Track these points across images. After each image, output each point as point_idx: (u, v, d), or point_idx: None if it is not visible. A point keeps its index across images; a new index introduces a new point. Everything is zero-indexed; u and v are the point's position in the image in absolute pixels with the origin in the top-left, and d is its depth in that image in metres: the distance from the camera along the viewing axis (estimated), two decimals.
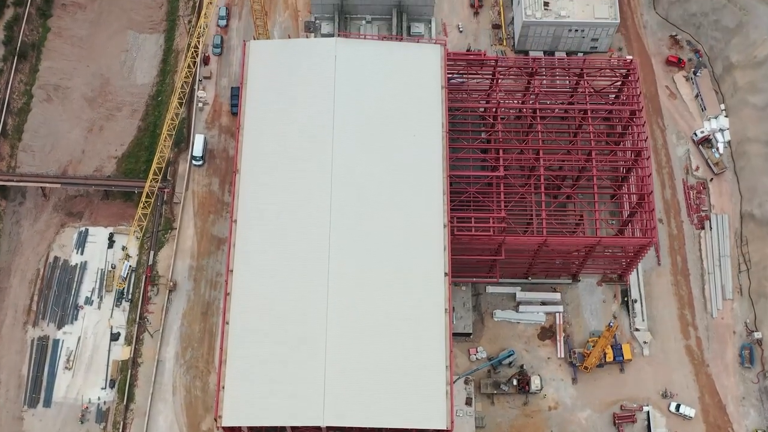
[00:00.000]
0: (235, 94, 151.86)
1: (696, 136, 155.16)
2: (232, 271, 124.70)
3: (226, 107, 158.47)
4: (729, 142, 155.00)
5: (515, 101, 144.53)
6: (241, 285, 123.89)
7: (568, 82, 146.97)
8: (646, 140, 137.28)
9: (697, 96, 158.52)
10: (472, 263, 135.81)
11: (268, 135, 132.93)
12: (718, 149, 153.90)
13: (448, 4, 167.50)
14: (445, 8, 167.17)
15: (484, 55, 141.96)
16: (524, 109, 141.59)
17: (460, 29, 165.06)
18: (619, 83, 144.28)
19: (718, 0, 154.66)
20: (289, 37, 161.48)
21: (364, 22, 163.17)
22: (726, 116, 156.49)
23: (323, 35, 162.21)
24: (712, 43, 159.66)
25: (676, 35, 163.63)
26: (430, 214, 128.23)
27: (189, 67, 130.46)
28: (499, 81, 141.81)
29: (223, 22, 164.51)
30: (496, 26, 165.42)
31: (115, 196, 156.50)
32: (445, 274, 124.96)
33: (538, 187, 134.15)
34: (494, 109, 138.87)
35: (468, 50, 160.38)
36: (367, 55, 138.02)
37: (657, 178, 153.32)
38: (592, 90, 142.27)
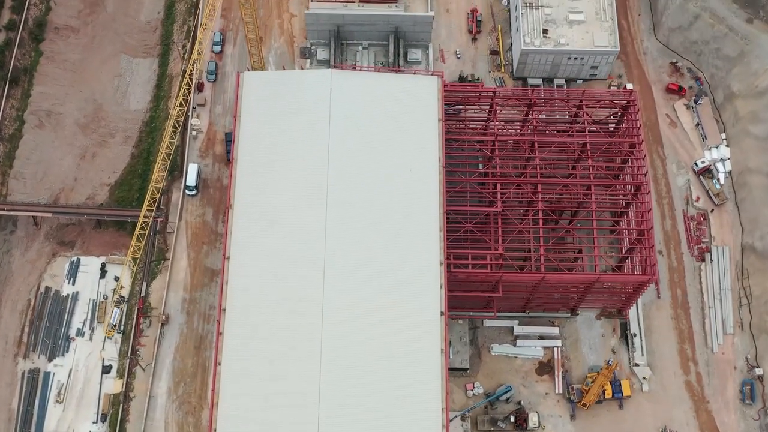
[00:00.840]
0: (229, 140, 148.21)
1: (696, 166, 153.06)
2: (224, 309, 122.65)
3: (220, 135, 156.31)
4: (730, 173, 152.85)
5: (513, 133, 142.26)
6: (233, 324, 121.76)
7: (567, 113, 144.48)
8: (646, 174, 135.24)
9: (697, 125, 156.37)
10: (469, 299, 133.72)
11: (262, 169, 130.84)
12: (718, 180, 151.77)
13: (445, 30, 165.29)
14: (443, 34, 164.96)
15: (482, 86, 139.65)
16: (522, 142, 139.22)
17: (458, 56, 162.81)
18: (619, 113, 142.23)
19: (719, 29, 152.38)
20: (284, 68, 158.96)
21: (360, 48, 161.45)
22: (727, 146, 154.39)
23: (319, 62, 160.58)
24: (713, 71, 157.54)
25: (676, 62, 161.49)
26: (426, 251, 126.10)
27: (181, 105, 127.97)
28: (497, 112, 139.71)
29: (217, 48, 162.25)
30: (494, 52, 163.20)
31: (107, 224, 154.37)
32: (441, 312, 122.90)
33: (537, 222, 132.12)
34: (492, 142, 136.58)
35: (462, 79, 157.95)
36: (363, 87, 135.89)
37: (657, 208, 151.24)
38: (591, 121, 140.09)
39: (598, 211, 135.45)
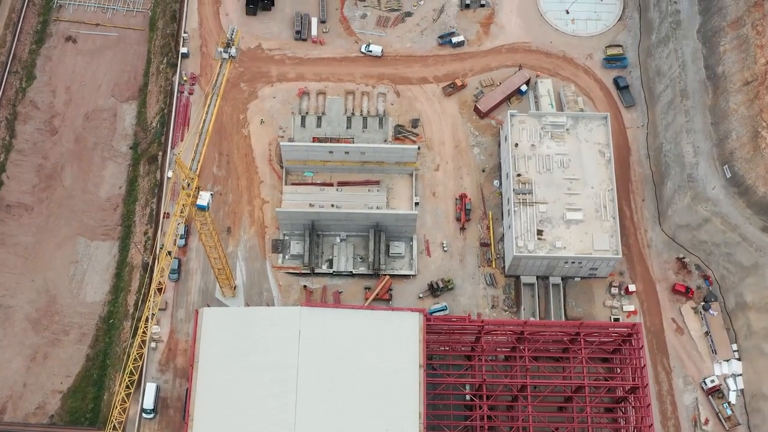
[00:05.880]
0: None
1: (705, 384, 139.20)
2: None
3: (182, 345, 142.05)
4: (742, 391, 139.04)
5: (503, 373, 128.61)
6: None
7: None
8: (651, 426, 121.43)
9: (706, 334, 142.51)
10: None
11: (223, 424, 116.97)
12: (729, 403, 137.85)
13: (431, 216, 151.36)
14: (429, 222, 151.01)
15: (468, 319, 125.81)
16: (513, 385, 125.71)
17: (445, 248, 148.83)
18: (624, 340, 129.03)
19: (732, 236, 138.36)
20: (248, 305, 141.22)
21: (338, 239, 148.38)
22: (738, 359, 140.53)
23: (292, 256, 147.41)
24: (723, 273, 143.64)
25: (683, 258, 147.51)
26: None
27: (138, 358, 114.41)
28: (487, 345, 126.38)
29: (181, 242, 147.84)
30: (485, 244, 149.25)
31: None
32: None
33: None
34: (478, 386, 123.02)
35: (432, 287, 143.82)
36: (335, 328, 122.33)
37: (661, 430, 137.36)
38: (589, 356, 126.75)
39: None
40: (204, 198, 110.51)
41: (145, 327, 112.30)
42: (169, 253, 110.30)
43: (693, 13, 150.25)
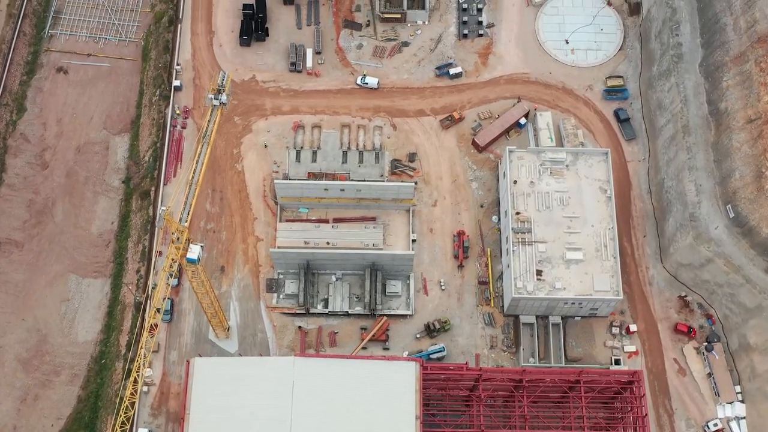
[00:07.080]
0: None
1: (708, 427, 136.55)
2: None
3: (175, 388, 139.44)
4: None
5: (500, 424, 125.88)
6: None
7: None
8: None
9: (709, 375, 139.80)
10: None
11: None
12: None
13: (428, 254, 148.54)
14: (426, 259, 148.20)
15: (466, 367, 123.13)
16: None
17: (442, 286, 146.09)
18: (624, 385, 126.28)
19: (735, 277, 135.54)
20: (240, 354, 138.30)
21: (333, 278, 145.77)
22: (742, 401, 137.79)
23: (287, 295, 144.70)
24: (726, 312, 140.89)
25: (685, 296, 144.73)
26: None
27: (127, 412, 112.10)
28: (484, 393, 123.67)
29: (174, 281, 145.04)
30: (483, 282, 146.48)
31: None
32: None
33: None
34: None
35: (429, 328, 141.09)
36: (329, 379, 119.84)
37: None
38: (589, 403, 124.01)
39: None
40: (194, 251, 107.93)
41: (134, 388, 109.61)
42: (158, 310, 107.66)
43: (695, 46, 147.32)
